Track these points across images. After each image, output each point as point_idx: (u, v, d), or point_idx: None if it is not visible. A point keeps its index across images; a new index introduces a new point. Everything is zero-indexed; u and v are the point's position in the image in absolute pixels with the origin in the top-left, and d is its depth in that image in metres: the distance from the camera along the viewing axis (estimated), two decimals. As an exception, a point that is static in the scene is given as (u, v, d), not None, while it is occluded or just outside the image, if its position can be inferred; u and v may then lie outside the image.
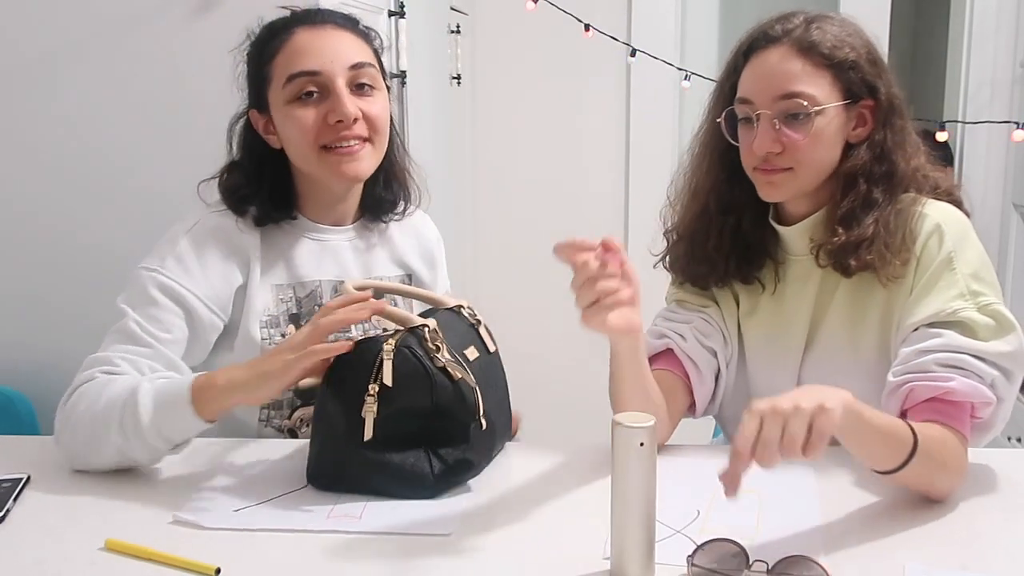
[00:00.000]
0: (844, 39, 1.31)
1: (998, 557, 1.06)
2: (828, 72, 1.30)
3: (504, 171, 3.30)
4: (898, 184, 1.32)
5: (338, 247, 1.51)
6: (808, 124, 1.28)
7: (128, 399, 1.23)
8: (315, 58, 1.39)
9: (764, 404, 0.97)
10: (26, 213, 1.93)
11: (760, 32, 1.34)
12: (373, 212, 1.55)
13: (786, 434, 0.95)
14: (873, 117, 1.33)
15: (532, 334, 2.91)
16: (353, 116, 1.38)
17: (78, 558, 1.06)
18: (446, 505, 1.19)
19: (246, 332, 1.42)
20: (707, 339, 1.40)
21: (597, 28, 3.02)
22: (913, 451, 1.11)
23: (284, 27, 1.43)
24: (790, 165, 1.29)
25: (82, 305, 1.94)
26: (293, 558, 1.07)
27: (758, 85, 1.31)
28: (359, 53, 1.42)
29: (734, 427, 1.49)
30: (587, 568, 1.03)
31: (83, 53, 1.87)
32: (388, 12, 2.17)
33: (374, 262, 1.55)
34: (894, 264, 1.27)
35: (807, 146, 1.29)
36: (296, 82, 1.39)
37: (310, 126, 1.38)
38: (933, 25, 4.03)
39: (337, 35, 1.42)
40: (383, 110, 1.44)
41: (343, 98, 1.38)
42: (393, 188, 1.55)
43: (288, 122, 1.40)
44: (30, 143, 1.91)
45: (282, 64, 1.40)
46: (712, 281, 1.43)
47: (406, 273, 1.59)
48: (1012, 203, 3.06)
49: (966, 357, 1.20)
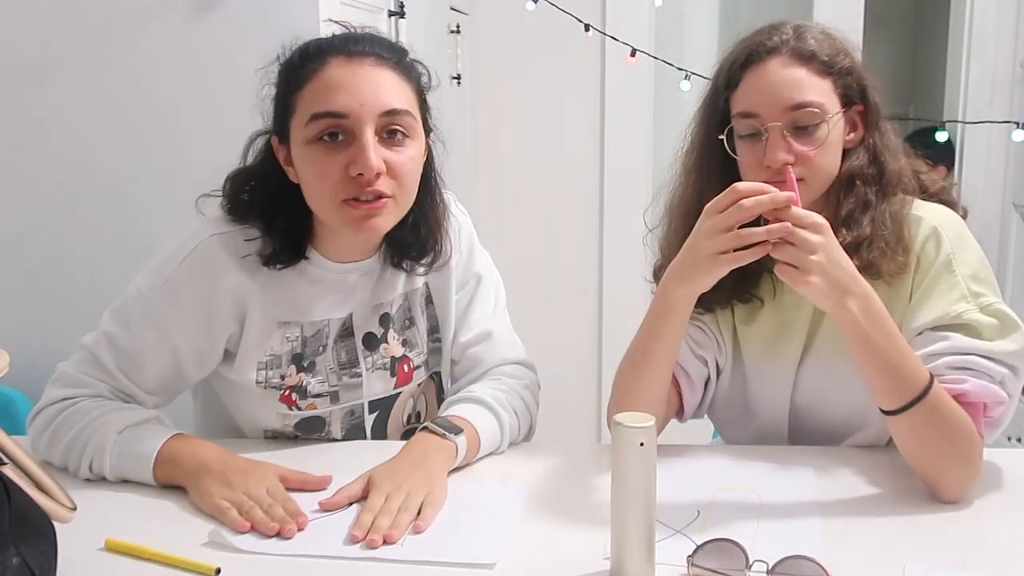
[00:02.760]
0: (837, 46, 1.32)
1: (998, 557, 1.06)
2: (829, 79, 1.30)
3: (504, 171, 3.29)
4: (888, 183, 1.33)
5: (353, 281, 1.40)
6: (818, 134, 1.28)
7: (96, 448, 1.27)
8: (345, 98, 1.23)
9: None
10: (25, 213, 1.93)
11: (755, 44, 1.32)
12: (393, 254, 1.42)
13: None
14: (863, 121, 1.34)
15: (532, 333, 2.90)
16: (377, 171, 1.24)
17: (78, 558, 1.06)
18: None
19: (239, 373, 1.37)
20: (699, 348, 1.40)
21: (597, 28, 3.02)
22: (925, 392, 1.14)
23: (318, 54, 1.27)
24: (802, 176, 1.28)
25: (82, 305, 1.93)
26: (294, 558, 1.07)
27: (764, 98, 1.29)
28: (397, 98, 1.27)
29: (731, 431, 1.49)
30: (587, 568, 1.03)
31: (83, 53, 1.87)
32: (388, 12, 2.17)
33: (386, 288, 1.43)
34: (896, 259, 1.28)
35: (818, 155, 1.28)
36: (320, 122, 1.24)
37: (330, 175, 1.25)
38: (933, 25, 4.03)
39: (376, 73, 1.26)
40: (410, 161, 1.28)
41: (368, 150, 1.23)
42: (420, 234, 1.40)
43: (306, 165, 1.27)
44: (28, 143, 1.91)
45: (308, 98, 1.26)
46: (708, 305, 1.39)
47: (425, 282, 1.48)
48: (1012, 203, 3.05)
49: (975, 358, 1.21)
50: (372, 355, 1.43)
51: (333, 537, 1.11)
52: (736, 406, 1.44)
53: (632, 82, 3.20)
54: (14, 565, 0.93)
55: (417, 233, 1.40)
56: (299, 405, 1.40)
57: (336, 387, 1.41)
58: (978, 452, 1.19)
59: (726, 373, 1.43)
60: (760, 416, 1.43)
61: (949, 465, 1.17)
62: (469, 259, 1.52)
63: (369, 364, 1.43)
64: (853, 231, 1.29)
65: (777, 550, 0.97)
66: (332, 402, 1.41)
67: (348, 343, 1.41)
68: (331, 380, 1.41)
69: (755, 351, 1.41)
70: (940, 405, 1.16)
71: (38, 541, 0.97)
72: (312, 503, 1.18)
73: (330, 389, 1.41)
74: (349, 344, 1.41)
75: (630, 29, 3.08)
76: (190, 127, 1.84)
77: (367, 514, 1.13)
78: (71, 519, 1.03)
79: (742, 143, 1.32)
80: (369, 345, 1.43)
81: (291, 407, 1.40)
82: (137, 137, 1.88)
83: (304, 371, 1.39)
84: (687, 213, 1.36)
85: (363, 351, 1.42)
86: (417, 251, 1.41)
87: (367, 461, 1.25)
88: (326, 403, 1.41)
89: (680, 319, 1.26)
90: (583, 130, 3.27)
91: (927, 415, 1.16)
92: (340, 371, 1.41)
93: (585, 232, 3.29)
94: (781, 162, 1.26)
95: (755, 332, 1.41)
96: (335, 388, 1.41)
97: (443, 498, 1.19)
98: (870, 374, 1.18)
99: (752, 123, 1.30)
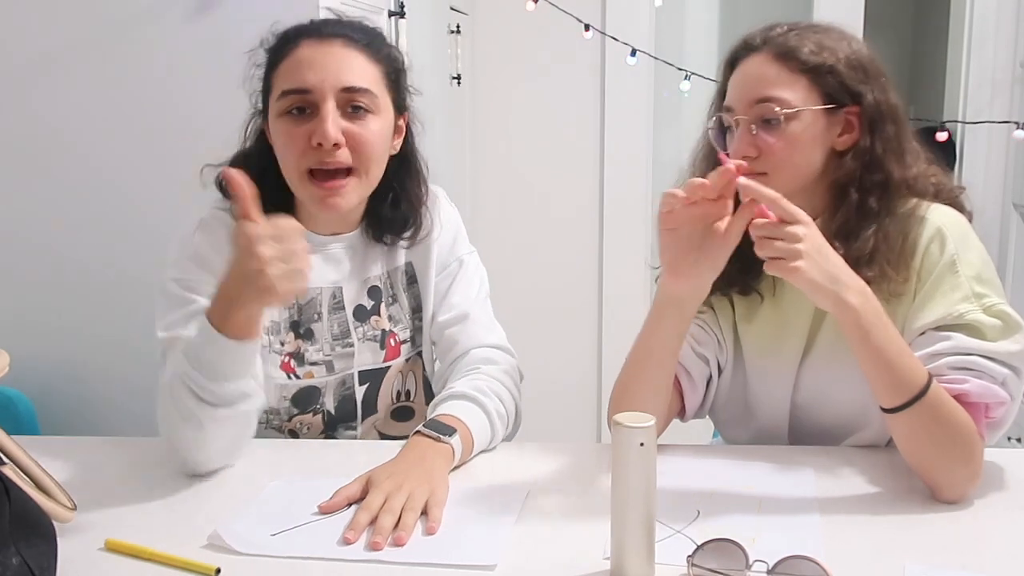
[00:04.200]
0: (825, 45, 1.31)
1: (998, 557, 1.06)
2: (804, 77, 1.30)
3: (504, 171, 3.30)
4: (894, 192, 1.31)
5: (336, 254, 1.47)
6: (781, 128, 1.28)
7: (174, 366, 1.23)
8: (310, 75, 1.33)
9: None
10: (25, 214, 1.93)
11: (742, 42, 1.36)
12: (374, 228, 1.49)
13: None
14: (859, 123, 1.32)
15: (532, 333, 2.91)
16: (334, 140, 1.32)
17: (78, 558, 1.06)
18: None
19: None
20: (700, 346, 1.40)
21: (597, 28, 3.02)
22: (925, 390, 1.15)
23: (293, 37, 1.38)
24: (764, 170, 1.28)
25: (82, 306, 1.94)
26: (294, 558, 1.07)
27: (737, 92, 1.33)
28: (359, 76, 1.36)
29: (731, 430, 1.49)
30: (587, 568, 1.03)
31: (83, 54, 1.87)
32: (388, 12, 2.17)
33: (370, 263, 1.50)
34: (896, 281, 1.27)
35: (782, 150, 1.29)
36: (288, 98, 1.35)
37: (294, 145, 1.34)
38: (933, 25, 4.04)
39: (342, 53, 1.36)
40: (372, 134, 1.36)
41: (326, 121, 1.32)
42: (402, 209, 1.48)
43: (277, 138, 1.37)
44: (29, 143, 1.91)
45: (280, 76, 1.37)
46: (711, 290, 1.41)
47: (407, 261, 1.53)
48: (1012, 203, 3.06)
49: (976, 358, 1.20)
50: (363, 326, 1.49)
51: (333, 539, 1.10)
52: (736, 405, 1.45)
53: (632, 82, 3.20)
54: (14, 565, 0.93)
55: (397, 208, 1.47)
56: (297, 373, 1.45)
57: (330, 356, 1.46)
58: (978, 453, 1.19)
59: (727, 372, 1.43)
60: (760, 416, 1.43)
61: (949, 465, 1.17)
62: (454, 244, 1.56)
63: (360, 335, 1.48)
64: (852, 244, 1.27)
65: (777, 550, 0.97)
66: (328, 371, 1.46)
67: (340, 316, 1.47)
68: (326, 350, 1.46)
69: (755, 349, 1.41)
70: (940, 404, 1.17)
71: (38, 541, 0.97)
72: (311, 506, 1.18)
73: (325, 358, 1.46)
74: (341, 317, 1.47)
75: (630, 29, 3.08)
76: (190, 127, 1.84)
77: (364, 513, 1.13)
78: (71, 519, 1.03)
79: (729, 134, 1.35)
80: (359, 317, 1.48)
81: (290, 375, 1.44)
82: (137, 137, 1.88)
83: (302, 338, 1.45)
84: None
85: (353, 322, 1.48)
86: (399, 226, 1.49)
87: (361, 461, 1.25)
88: (322, 372, 1.46)
89: (679, 315, 1.26)
90: (583, 130, 3.27)
91: (927, 414, 1.16)
92: (334, 341, 1.47)
93: (585, 232, 3.29)
94: (740, 154, 1.28)
95: (756, 330, 1.41)
96: (329, 357, 1.46)
97: (446, 497, 1.19)
98: (870, 370, 1.18)
99: (728, 116, 1.33)
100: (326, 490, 1.20)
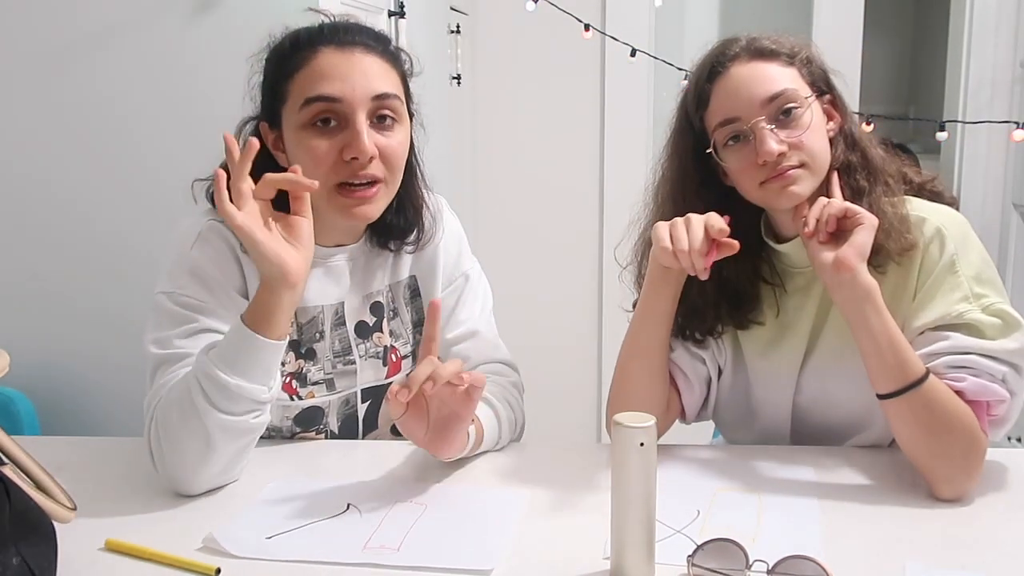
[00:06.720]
0: (792, 42, 1.34)
1: (998, 557, 1.06)
2: (793, 68, 1.32)
3: (504, 171, 3.30)
4: (875, 169, 1.34)
5: (339, 268, 1.43)
6: (798, 119, 1.29)
7: (193, 374, 1.19)
8: (338, 83, 1.29)
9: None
10: (25, 214, 1.93)
11: (714, 58, 1.33)
12: (380, 236, 1.46)
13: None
14: (836, 111, 1.36)
15: (532, 334, 2.91)
16: (370, 155, 1.29)
17: (78, 558, 1.06)
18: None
19: None
20: (696, 347, 1.40)
21: (597, 28, 3.02)
22: (922, 379, 1.17)
23: (309, 43, 1.33)
24: (802, 161, 1.28)
25: (82, 305, 1.94)
26: (294, 558, 1.07)
27: (739, 99, 1.30)
28: (385, 82, 1.33)
29: (734, 432, 1.49)
30: (587, 568, 1.03)
31: (83, 53, 1.87)
32: (388, 12, 2.17)
33: (372, 276, 1.47)
34: (904, 237, 1.28)
35: (808, 138, 1.29)
36: (314, 107, 1.29)
37: (323, 159, 1.29)
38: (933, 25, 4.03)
39: (366, 60, 1.32)
40: (400, 145, 1.35)
41: (362, 135, 1.28)
42: (407, 215, 1.45)
43: (300, 150, 1.31)
44: (28, 143, 1.91)
45: (301, 84, 1.31)
46: (705, 331, 1.40)
47: (411, 275, 1.51)
48: (1012, 203, 3.06)
49: (974, 357, 1.21)
50: (364, 343, 1.46)
51: (329, 542, 1.10)
52: (739, 407, 1.44)
53: (632, 82, 3.20)
54: (14, 565, 0.93)
55: (404, 214, 1.45)
56: (299, 394, 1.41)
57: (331, 374, 1.43)
58: (978, 448, 1.19)
59: (727, 374, 1.42)
60: (763, 417, 1.43)
61: (946, 458, 1.18)
62: (458, 258, 1.54)
63: (362, 351, 1.45)
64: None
65: (777, 550, 0.97)
66: (329, 389, 1.43)
67: (341, 332, 1.44)
68: (327, 368, 1.43)
69: (756, 352, 1.41)
70: (938, 395, 1.18)
71: (38, 541, 0.97)
72: (309, 507, 1.18)
73: (326, 376, 1.43)
74: (342, 333, 1.44)
75: (630, 29, 3.08)
76: (190, 127, 1.84)
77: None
78: (71, 519, 1.03)
79: (729, 152, 1.32)
80: (361, 333, 1.46)
81: (292, 396, 1.41)
82: (137, 137, 1.88)
83: (303, 358, 1.41)
84: None
85: (355, 339, 1.45)
86: (403, 231, 1.46)
87: (361, 461, 1.25)
88: (323, 391, 1.43)
89: (667, 293, 1.30)
90: (583, 130, 3.27)
91: (922, 401, 1.17)
92: (335, 358, 1.44)
93: (585, 232, 3.29)
94: (775, 152, 1.26)
95: (756, 334, 1.41)
96: (331, 375, 1.43)
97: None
98: (871, 352, 1.20)
99: (735, 127, 1.30)
100: (325, 490, 1.20)
